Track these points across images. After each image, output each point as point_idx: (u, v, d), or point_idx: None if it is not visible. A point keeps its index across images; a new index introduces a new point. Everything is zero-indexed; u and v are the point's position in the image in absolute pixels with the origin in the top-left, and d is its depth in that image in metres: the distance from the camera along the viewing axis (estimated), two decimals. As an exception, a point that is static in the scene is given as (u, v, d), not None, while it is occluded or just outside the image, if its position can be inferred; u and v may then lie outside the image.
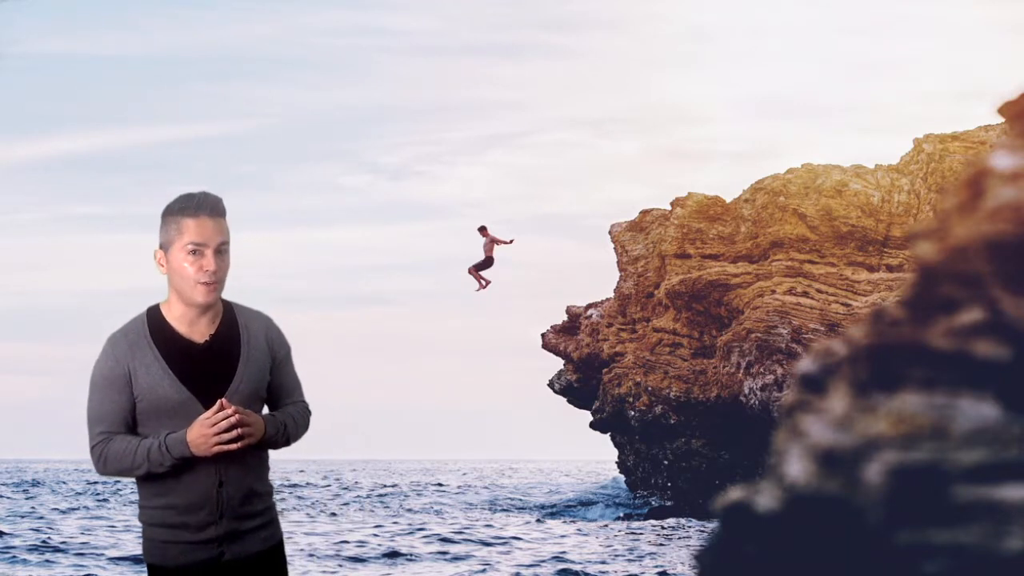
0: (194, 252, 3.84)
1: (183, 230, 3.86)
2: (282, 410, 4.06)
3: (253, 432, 3.85)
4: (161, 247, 3.90)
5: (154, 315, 3.94)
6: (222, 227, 3.89)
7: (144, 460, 3.83)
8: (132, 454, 3.85)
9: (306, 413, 4.14)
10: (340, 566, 16.34)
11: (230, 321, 3.98)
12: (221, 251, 3.88)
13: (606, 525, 25.97)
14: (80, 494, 41.79)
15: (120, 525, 23.38)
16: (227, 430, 3.80)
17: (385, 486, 52.17)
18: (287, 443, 4.05)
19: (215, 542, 3.90)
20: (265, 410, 4.07)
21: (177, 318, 3.92)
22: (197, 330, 3.93)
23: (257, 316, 4.07)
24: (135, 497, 39.31)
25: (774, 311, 27.15)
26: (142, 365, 3.87)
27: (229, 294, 4.05)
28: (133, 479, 3.99)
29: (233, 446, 3.81)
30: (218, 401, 3.82)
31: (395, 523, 25.86)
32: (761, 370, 26.78)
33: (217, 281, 3.87)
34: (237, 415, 3.80)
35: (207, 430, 3.79)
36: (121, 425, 3.89)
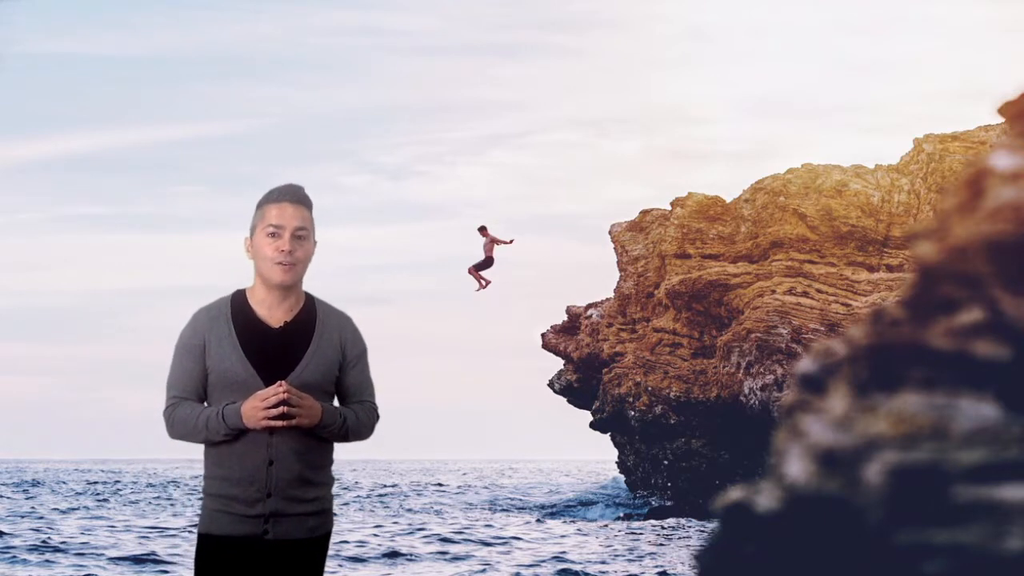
0: (273, 234, 4.10)
1: (265, 215, 4.14)
2: (348, 406, 4.21)
3: (304, 414, 4.02)
4: (249, 234, 4.18)
5: (238, 297, 4.20)
6: (302, 214, 4.14)
7: (204, 427, 4.05)
8: (194, 420, 4.07)
9: (372, 412, 4.26)
10: (340, 566, 16.33)
11: (309, 313, 4.19)
12: (299, 236, 4.12)
13: (606, 525, 25.96)
14: (80, 494, 41.78)
15: (120, 525, 23.37)
16: (275, 406, 3.99)
17: (385, 486, 52.16)
18: (346, 437, 4.17)
19: (261, 519, 4.06)
20: (335, 404, 4.24)
21: (258, 301, 4.16)
22: (275, 315, 4.15)
23: (337, 314, 4.26)
24: (135, 497, 39.36)
25: (774, 311, 27.14)
26: (216, 338, 4.10)
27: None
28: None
29: (278, 423, 3.99)
30: (278, 382, 4.02)
31: (395, 523, 25.85)
32: (761, 370, 26.77)
33: (293, 263, 4.09)
34: (287, 394, 3.99)
35: (258, 403, 3.99)
36: (192, 393, 4.13)
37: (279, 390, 3.98)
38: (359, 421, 4.18)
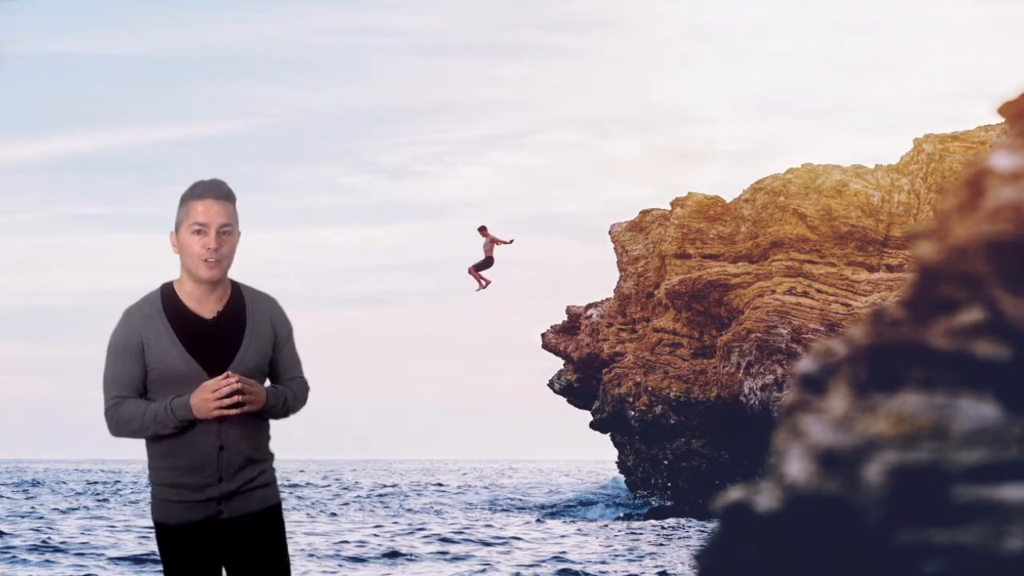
0: (199, 232, 4.16)
1: (190, 212, 4.20)
2: (284, 384, 4.36)
3: (254, 400, 4.16)
4: (175, 229, 4.23)
5: (167, 291, 4.26)
6: (226, 210, 4.21)
7: (152, 422, 4.13)
8: (141, 416, 4.16)
9: (305, 388, 4.44)
10: (340, 566, 16.34)
11: (237, 300, 4.29)
12: (224, 232, 4.19)
13: (606, 525, 25.96)
14: (80, 494, 41.77)
15: (120, 525, 23.36)
16: (228, 396, 4.10)
17: (385, 486, 52.14)
18: (286, 414, 4.36)
19: (214, 501, 4.21)
20: (267, 384, 4.38)
21: (187, 294, 4.24)
22: (206, 307, 4.23)
23: (263, 297, 4.38)
24: (135, 497, 39.36)
25: (774, 311, 27.14)
26: (153, 336, 4.17)
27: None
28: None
29: (233, 412, 4.11)
30: (225, 372, 4.13)
31: (395, 523, 25.85)
32: (761, 370, 26.77)
33: (219, 259, 4.17)
34: (240, 384, 4.11)
35: (209, 395, 4.09)
36: (133, 391, 4.20)
37: (231, 381, 4.10)
38: (296, 397, 4.37)
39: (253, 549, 4.27)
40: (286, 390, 4.32)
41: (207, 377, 4.15)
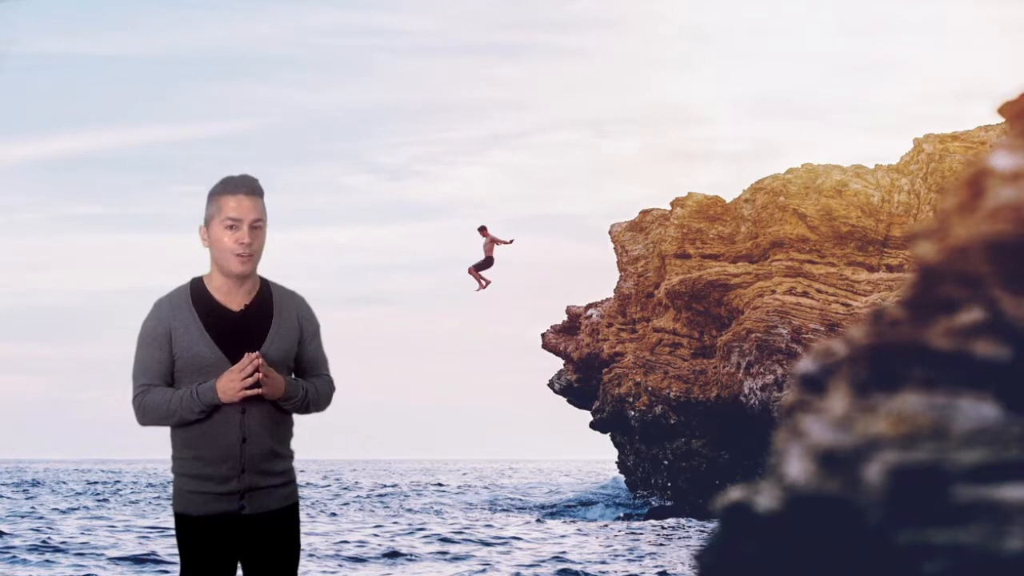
0: (231, 227, 4.24)
1: (222, 207, 4.27)
2: (308, 379, 4.42)
3: (271, 384, 4.21)
4: (204, 223, 4.30)
5: (196, 284, 4.35)
6: (258, 205, 4.29)
7: (178, 407, 4.21)
8: (167, 402, 4.24)
9: (330, 385, 4.50)
10: (340, 566, 16.34)
11: (265, 295, 4.37)
12: (255, 227, 4.28)
13: (606, 525, 25.96)
14: (80, 494, 41.78)
15: (120, 525, 23.36)
16: (251, 376, 4.17)
17: (385, 486, 52.14)
18: (308, 409, 4.39)
19: (237, 495, 4.27)
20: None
21: (216, 288, 4.32)
22: (234, 300, 4.32)
23: (291, 294, 4.46)
24: (135, 497, 39.37)
25: (774, 311, 27.14)
26: (182, 325, 4.26)
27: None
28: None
29: (256, 391, 4.17)
30: (246, 355, 4.19)
31: (395, 523, 25.84)
32: (761, 370, 26.77)
33: (251, 253, 4.27)
34: (260, 360, 4.18)
35: (235, 375, 4.16)
36: (160, 379, 4.29)
37: (253, 357, 4.18)
38: (319, 393, 4.42)
39: (270, 545, 4.33)
40: (308, 384, 4.37)
41: (231, 366, 4.22)
